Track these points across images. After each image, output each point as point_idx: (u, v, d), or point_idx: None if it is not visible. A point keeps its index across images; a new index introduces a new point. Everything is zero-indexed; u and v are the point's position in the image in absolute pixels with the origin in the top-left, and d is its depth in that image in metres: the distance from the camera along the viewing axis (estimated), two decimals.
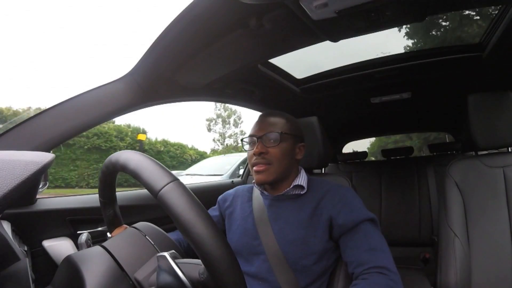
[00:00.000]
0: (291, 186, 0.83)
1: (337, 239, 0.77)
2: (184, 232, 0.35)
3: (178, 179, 0.38)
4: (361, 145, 2.54)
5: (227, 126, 21.64)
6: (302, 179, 0.85)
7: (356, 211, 0.76)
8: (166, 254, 0.40)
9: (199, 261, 0.40)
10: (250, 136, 0.85)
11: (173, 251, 0.44)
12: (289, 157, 0.83)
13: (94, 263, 0.44)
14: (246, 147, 0.86)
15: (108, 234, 0.64)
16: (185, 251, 0.81)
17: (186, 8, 0.66)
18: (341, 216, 0.76)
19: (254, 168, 0.82)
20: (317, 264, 0.76)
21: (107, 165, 0.48)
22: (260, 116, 0.88)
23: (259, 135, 0.82)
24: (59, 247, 0.81)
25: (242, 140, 0.88)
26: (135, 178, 0.40)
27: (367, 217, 0.75)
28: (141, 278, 0.44)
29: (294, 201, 0.83)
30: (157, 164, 0.40)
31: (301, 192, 0.84)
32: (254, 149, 0.81)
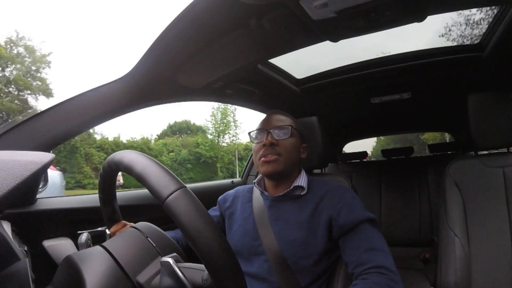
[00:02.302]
0: (291, 187, 0.83)
1: (337, 240, 0.77)
2: (190, 240, 0.35)
3: (185, 186, 0.38)
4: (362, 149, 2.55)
5: None
6: (302, 180, 0.85)
7: (356, 211, 0.76)
8: (169, 259, 0.40)
9: (202, 266, 0.40)
10: (259, 129, 0.86)
11: (175, 254, 0.44)
12: (296, 153, 0.86)
13: (94, 263, 0.44)
14: (254, 140, 0.87)
15: (107, 231, 0.64)
16: (184, 249, 0.81)
17: (186, 8, 0.66)
18: (341, 216, 0.76)
19: (263, 159, 0.82)
20: (317, 264, 0.76)
21: (109, 164, 0.48)
22: (269, 113, 0.91)
23: (269, 128, 0.84)
24: (59, 247, 0.81)
25: (249, 133, 0.89)
26: (139, 182, 0.40)
27: (366, 217, 0.75)
28: (143, 282, 0.44)
29: (294, 202, 0.83)
30: (163, 169, 0.39)
31: (301, 193, 0.84)
32: (264, 140, 0.82)
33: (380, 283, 0.64)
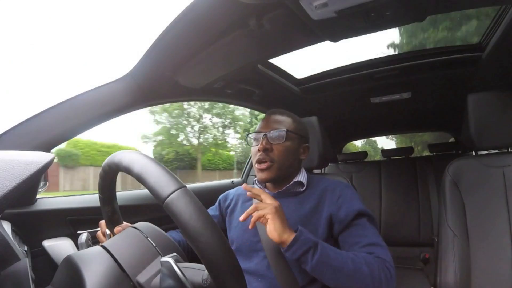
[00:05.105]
0: (291, 183, 0.84)
1: (337, 236, 0.78)
2: (190, 240, 0.35)
3: (185, 186, 0.38)
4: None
5: None
6: (302, 176, 0.86)
7: (355, 204, 0.78)
8: (169, 259, 0.40)
9: (201, 266, 0.40)
10: (257, 132, 0.85)
11: (175, 254, 0.44)
12: (293, 156, 0.84)
13: (94, 263, 0.44)
14: (252, 143, 0.87)
15: (107, 231, 0.64)
16: (184, 250, 0.81)
17: (186, 8, 0.66)
18: (341, 211, 0.77)
19: (257, 165, 0.82)
20: None
21: (109, 164, 0.48)
22: (267, 113, 0.89)
23: (265, 131, 0.83)
24: (59, 247, 0.81)
25: (247, 135, 0.89)
26: (139, 182, 0.40)
27: (365, 211, 0.77)
28: (143, 282, 0.44)
29: (294, 198, 0.84)
30: (163, 169, 0.39)
31: (301, 189, 0.85)
32: (259, 145, 0.81)
33: (377, 263, 0.66)
